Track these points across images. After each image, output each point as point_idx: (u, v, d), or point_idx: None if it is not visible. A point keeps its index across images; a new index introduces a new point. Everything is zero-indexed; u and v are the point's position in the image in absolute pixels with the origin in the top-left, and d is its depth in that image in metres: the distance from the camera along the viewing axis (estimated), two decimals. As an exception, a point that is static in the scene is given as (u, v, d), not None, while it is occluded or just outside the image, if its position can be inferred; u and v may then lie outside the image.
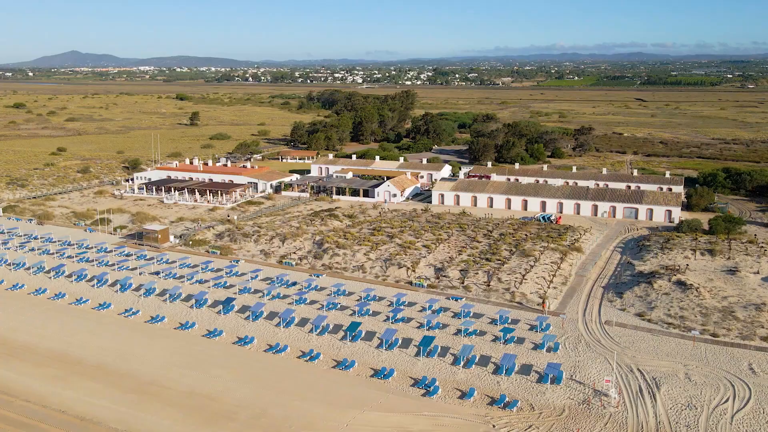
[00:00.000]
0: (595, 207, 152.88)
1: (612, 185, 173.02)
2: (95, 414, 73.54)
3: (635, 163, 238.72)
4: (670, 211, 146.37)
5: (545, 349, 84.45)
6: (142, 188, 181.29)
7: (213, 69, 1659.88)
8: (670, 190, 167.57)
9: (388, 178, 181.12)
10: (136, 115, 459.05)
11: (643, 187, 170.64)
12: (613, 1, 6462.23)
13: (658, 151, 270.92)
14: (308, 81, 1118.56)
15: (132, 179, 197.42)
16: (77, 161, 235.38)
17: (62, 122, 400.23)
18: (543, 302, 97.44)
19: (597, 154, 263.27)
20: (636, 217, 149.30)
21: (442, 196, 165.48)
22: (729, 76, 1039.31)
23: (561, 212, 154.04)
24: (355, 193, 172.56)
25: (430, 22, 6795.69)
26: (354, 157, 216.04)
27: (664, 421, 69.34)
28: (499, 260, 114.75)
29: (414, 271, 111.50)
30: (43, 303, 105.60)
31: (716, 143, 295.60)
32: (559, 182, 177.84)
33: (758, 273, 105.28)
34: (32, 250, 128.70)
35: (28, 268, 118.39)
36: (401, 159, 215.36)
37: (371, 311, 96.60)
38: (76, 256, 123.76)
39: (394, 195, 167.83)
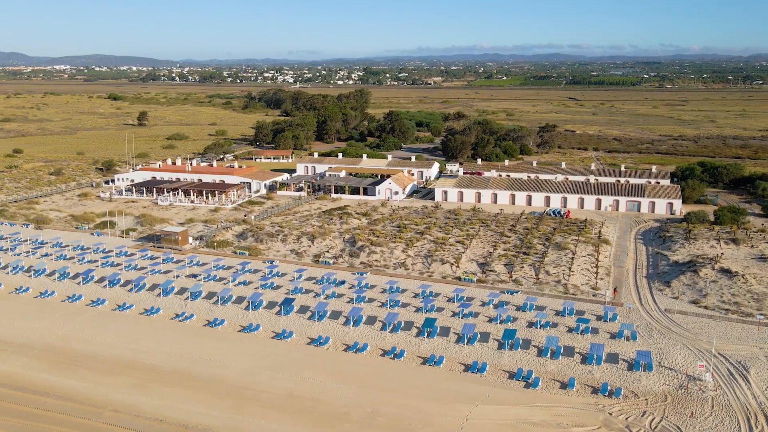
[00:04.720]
0: (599, 201, 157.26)
1: (602, 180, 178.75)
2: (198, 421, 70.82)
3: (601, 159, 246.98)
4: (671, 204, 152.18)
5: (623, 337, 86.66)
6: (130, 189, 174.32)
7: (134, 68, 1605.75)
8: (658, 183, 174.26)
9: (382, 176, 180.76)
10: (75, 115, 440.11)
11: (632, 181, 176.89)
12: (531, 3, 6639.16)
13: (617, 147, 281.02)
14: (238, 81, 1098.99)
15: (113, 180, 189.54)
16: (40, 163, 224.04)
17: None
18: (614, 290, 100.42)
19: (561, 151, 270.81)
20: (639, 210, 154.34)
21: (445, 192, 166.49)
22: (645, 76, 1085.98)
23: (566, 206, 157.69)
24: (354, 191, 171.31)
25: (351, 22, 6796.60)
26: (341, 155, 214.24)
27: (764, 401, 72.44)
28: (537, 254, 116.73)
29: (458, 266, 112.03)
30: (84, 310, 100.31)
31: (666, 139, 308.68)
32: (551, 177, 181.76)
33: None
34: (46, 255, 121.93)
35: (50, 275, 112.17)
36: (389, 157, 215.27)
37: (435, 307, 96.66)
38: (100, 261, 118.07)
39: (396, 192, 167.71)
